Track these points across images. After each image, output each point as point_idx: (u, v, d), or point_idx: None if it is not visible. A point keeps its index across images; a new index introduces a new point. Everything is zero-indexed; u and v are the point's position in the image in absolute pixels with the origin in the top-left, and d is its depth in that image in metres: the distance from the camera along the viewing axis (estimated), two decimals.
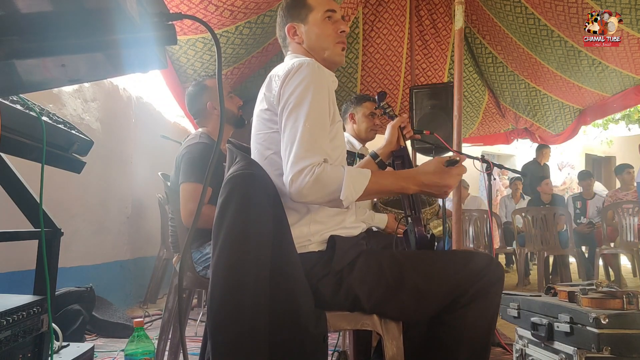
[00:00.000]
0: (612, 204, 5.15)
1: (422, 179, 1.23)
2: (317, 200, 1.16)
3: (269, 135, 1.29)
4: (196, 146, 2.07)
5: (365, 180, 1.17)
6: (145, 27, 0.63)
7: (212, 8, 3.00)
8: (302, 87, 1.19)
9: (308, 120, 1.16)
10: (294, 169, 1.13)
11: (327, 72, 1.31)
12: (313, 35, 1.38)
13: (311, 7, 1.39)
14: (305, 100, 1.18)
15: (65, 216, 2.96)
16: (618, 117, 10.20)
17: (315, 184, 1.11)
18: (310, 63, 1.25)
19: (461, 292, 1.20)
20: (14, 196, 1.30)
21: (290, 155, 1.15)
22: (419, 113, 3.84)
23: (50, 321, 1.25)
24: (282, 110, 1.21)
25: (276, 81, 1.25)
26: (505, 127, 5.77)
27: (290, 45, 1.43)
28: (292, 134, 1.16)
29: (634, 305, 1.53)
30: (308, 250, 1.25)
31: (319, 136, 1.16)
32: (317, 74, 1.23)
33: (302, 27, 1.39)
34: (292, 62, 1.27)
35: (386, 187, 1.24)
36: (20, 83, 0.76)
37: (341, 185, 1.13)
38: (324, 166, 1.13)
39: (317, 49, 1.38)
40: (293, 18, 1.40)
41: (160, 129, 4.16)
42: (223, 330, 1.08)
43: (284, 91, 1.21)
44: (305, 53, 1.40)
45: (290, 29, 1.40)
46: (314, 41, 1.38)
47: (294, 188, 1.13)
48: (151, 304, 3.81)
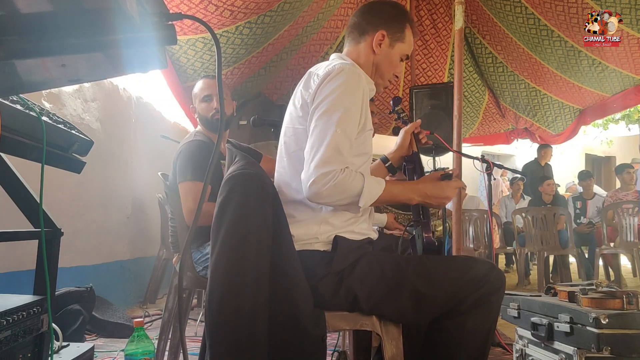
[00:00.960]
0: (612, 204, 5.15)
1: (426, 191, 1.32)
2: (333, 203, 1.21)
3: (298, 131, 1.30)
4: (191, 144, 2.07)
5: (380, 189, 1.23)
6: (145, 27, 0.63)
7: (212, 8, 3.00)
8: (338, 92, 1.21)
9: (339, 126, 1.18)
10: (318, 171, 1.15)
11: (365, 79, 1.33)
12: (388, 60, 1.40)
13: (403, 39, 1.41)
14: (340, 105, 1.20)
15: (65, 216, 2.95)
16: (618, 117, 10.20)
17: (336, 188, 1.15)
18: (351, 68, 1.27)
19: (461, 298, 1.20)
20: (14, 196, 1.30)
21: (316, 156, 1.16)
22: (419, 113, 3.83)
23: (50, 321, 1.25)
24: (315, 110, 1.22)
25: (315, 80, 1.27)
26: (505, 127, 5.77)
27: (361, 44, 1.40)
28: (322, 136, 1.18)
29: (634, 305, 1.53)
30: (313, 249, 1.25)
31: (346, 145, 1.19)
32: (356, 80, 1.25)
33: (387, 44, 1.39)
34: (334, 64, 1.28)
35: (396, 197, 1.32)
36: (20, 83, 0.76)
37: (360, 192, 1.18)
38: (346, 172, 1.17)
39: (377, 71, 1.42)
40: (389, 30, 1.39)
41: (160, 129, 4.16)
42: (222, 330, 1.07)
43: (320, 92, 1.23)
44: (365, 61, 1.40)
45: (380, 35, 1.38)
46: (383, 64, 1.41)
47: (313, 189, 1.15)
48: (151, 304, 3.81)
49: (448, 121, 3.45)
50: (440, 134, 2.32)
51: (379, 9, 1.42)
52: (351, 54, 1.41)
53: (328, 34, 4.50)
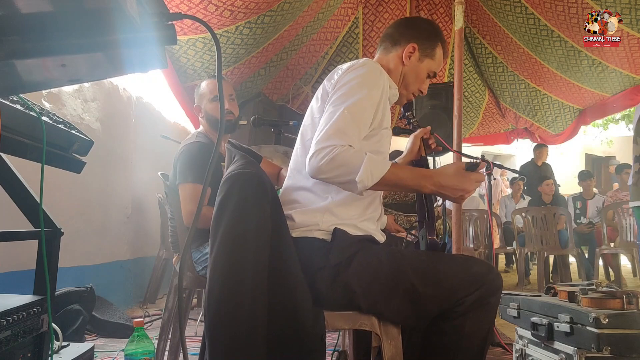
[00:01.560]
0: (612, 204, 5.15)
1: (440, 180, 1.22)
2: (332, 179, 1.17)
3: (315, 120, 1.31)
4: (192, 145, 2.07)
5: (384, 169, 1.16)
6: (145, 27, 0.63)
7: (212, 8, 3.00)
8: (356, 82, 1.23)
9: (348, 109, 1.19)
10: (318, 146, 1.15)
11: (387, 79, 1.33)
12: (415, 73, 1.42)
13: (434, 56, 1.43)
14: (354, 93, 1.21)
15: (65, 216, 2.95)
16: (618, 117, 10.21)
17: (333, 161, 1.13)
18: (374, 64, 1.29)
19: (459, 299, 1.19)
20: (14, 196, 1.30)
21: (320, 135, 1.17)
22: (419, 113, 3.83)
23: (50, 321, 1.25)
24: (331, 97, 1.25)
25: (338, 72, 1.30)
26: (505, 127, 5.77)
27: (392, 53, 1.44)
28: (329, 117, 1.20)
29: (633, 305, 1.53)
30: (312, 236, 1.24)
31: (352, 126, 1.18)
32: (377, 75, 1.27)
33: (417, 57, 1.42)
34: (360, 60, 1.31)
35: (403, 182, 1.22)
36: (20, 83, 0.76)
37: (359, 167, 1.12)
38: (347, 148, 1.15)
39: (404, 82, 1.43)
40: (420, 45, 1.42)
41: (160, 129, 4.16)
42: (221, 329, 1.07)
43: (340, 81, 1.26)
44: (395, 70, 1.42)
45: (411, 47, 1.41)
46: (410, 76, 1.43)
47: (312, 163, 1.15)
48: (151, 304, 3.81)
49: (448, 121, 3.46)
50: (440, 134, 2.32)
51: (414, 23, 1.48)
52: (381, 61, 1.44)
53: (328, 34, 4.50)
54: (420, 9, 4.63)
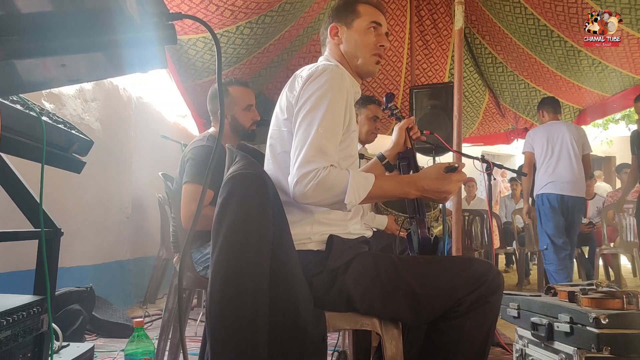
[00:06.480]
0: (612, 204, 5.15)
1: (424, 185, 1.25)
2: (320, 203, 1.18)
3: (283, 133, 1.30)
4: (202, 149, 2.06)
5: (369, 185, 1.19)
6: (145, 27, 0.63)
7: (213, 8, 3.00)
8: (320, 92, 1.21)
9: (321, 125, 1.18)
10: (300, 171, 1.14)
11: (349, 81, 1.32)
12: (353, 40, 1.40)
13: (359, 14, 1.41)
14: (322, 105, 1.20)
15: (65, 216, 2.95)
16: (618, 117, 10.20)
17: (319, 187, 1.13)
18: (334, 69, 1.27)
19: (459, 299, 1.19)
20: (14, 196, 1.30)
21: (298, 158, 1.16)
22: (419, 113, 3.83)
23: (50, 321, 1.25)
24: (298, 112, 1.23)
25: (299, 82, 1.27)
26: (505, 127, 5.77)
27: (328, 45, 1.45)
28: (304, 137, 1.18)
29: (633, 305, 1.53)
30: (307, 249, 1.25)
31: (329, 142, 1.18)
32: (339, 80, 1.25)
33: (344, 30, 1.41)
34: (317, 65, 1.29)
35: (388, 192, 1.26)
36: (20, 83, 0.76)
37: (346, 189, 1.14)
38: (330, 169, 1.14)
39: (352, 55, 1.40)
40: (339, 20, 1.42)
41: (160, 129, 4.16)
42: (222, 330, 1.07)
43: (303, 93, 1.23)
44: (339, 56, 1.42)
45: (333, 28, 1.42)
46: (352, 47, 1.40)
47: (297, 190, 1.14)
48: (151, 304, 3.81)
49: (448, 121, 3.46)
50: (440, 134, 2.32)
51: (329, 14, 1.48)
52: (328, 58, 1.44)
53: None
54: (420, 9, 4.63)
